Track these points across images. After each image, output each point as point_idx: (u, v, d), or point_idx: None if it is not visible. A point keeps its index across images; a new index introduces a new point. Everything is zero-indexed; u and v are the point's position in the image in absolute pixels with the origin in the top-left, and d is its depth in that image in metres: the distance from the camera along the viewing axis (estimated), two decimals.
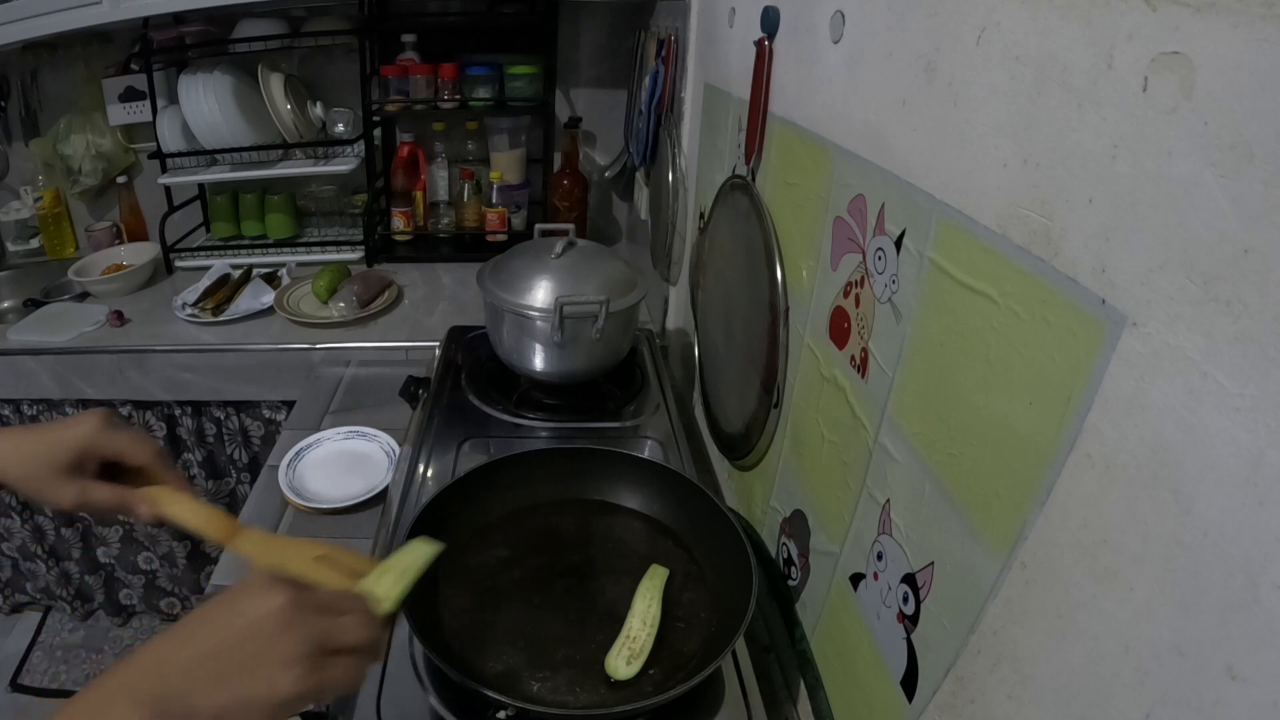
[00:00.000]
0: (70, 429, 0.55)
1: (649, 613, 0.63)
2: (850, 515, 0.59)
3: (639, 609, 0.63)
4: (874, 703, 0.55)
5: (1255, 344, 0.26)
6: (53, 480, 0.54)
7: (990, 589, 0.40)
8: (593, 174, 1.78)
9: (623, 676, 0.58)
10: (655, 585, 0.66)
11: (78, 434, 0.54)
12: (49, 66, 1.66)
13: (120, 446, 0.56)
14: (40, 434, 0.55)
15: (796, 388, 0.71)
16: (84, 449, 0.55)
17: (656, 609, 0.63)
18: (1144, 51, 0.30)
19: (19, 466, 0.54)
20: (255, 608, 0.40)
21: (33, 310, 1.47)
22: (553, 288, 0.91)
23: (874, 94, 0.54)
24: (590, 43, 1.67)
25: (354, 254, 1.67)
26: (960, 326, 0.44)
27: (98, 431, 0.55)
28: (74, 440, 0.54)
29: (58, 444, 0.54)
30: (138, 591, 1.68)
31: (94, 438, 0.55)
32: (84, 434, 0.54)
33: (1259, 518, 0.25)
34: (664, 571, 0.67)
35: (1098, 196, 0.33)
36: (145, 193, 1.76)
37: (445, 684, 0.59)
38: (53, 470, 0.54)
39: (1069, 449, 0.34)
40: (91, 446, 0.55)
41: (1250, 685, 0.26)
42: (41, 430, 0.56)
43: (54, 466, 0.54)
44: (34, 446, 0.54)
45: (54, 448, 0.54)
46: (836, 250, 0.61)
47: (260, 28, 1.51)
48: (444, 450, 0.90)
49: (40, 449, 0.54)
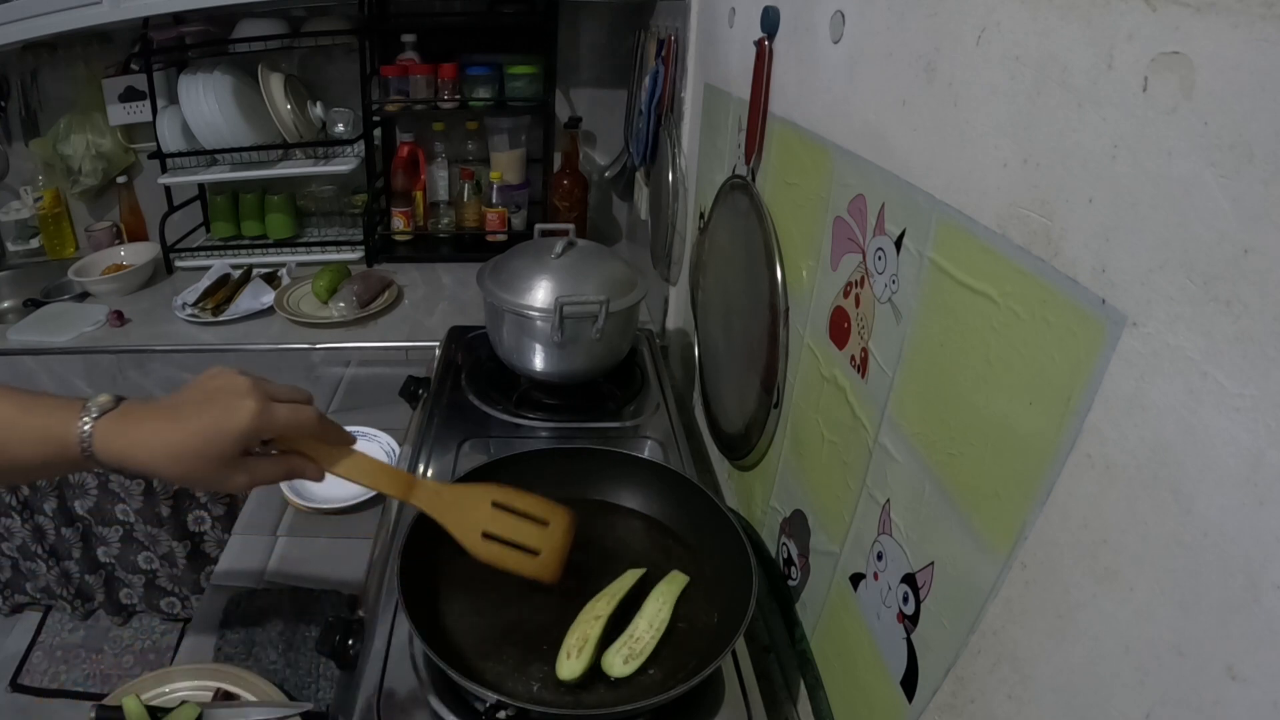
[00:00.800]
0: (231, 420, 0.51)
1: (658, 616, 0.63)
2: (850, 515, 0.59)
3: (649, 611, 0.63)
4: (874, 703, 0.55)
5: (1255, 344, 0.25)
6: (217, 473, 0.52)
7: (990, 589, 0.40)
8: (593, 174, 1.78)
9: (617, 674, 0.58)
10: (671, 591, 0.65)
11: (241, 426, 0.51)
12: (49, 66, 1.66)
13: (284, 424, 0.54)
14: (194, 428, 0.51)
15: (796, 388, 0.71)
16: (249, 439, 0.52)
17: (666, 614, 0.63)
18: (1144, 51, 0.30)
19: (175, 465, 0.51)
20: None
21: (33, 310, 1.47)
22: (553, 288, 0.91)
23: (874, 94, 0.54)
24: (590, 43, 1.67)
25: (354, 254, 1.67)
26: (960, 326, 0.44)
27: (260, 419, 0.52)
28: (238, 433, 0.51)
29: (218, 438, 0.51)
30: (138, 591, 1.68)
31: (258, 426, 0.52)
32: (246, 425, 0.51)
33: (1259, 518, 0.25)
34: (683, 578, 0.67)
35: (1098, 196, 0.33)
36: (145, 193, 1.76)
37: (445, 684, 0.59)
38: (216, 464, 0.51)
39: (1069, 449, 0.34)
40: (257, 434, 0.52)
41: (1250, 685, 0.26)
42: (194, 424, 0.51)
43: (217, 461, 0.51)
44: (190, 442, 0.51)
45: (213, 444, 0.51)
46: (836, 250, 0.61)
47: (260, 28, 1.51)
48: (444, 450, 0.90)
49: (198, 444, 0.51)
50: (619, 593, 0.65)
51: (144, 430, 0.51)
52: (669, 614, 0.63)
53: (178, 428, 0.51)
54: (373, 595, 0.71)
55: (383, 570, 0.73)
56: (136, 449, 0.51)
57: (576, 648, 0.59)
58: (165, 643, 1.74)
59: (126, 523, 1.55)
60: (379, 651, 0.63)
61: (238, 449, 0.52)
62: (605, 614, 0.62)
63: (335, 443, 0.57)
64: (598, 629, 0.61)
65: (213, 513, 1.53)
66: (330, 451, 0.56)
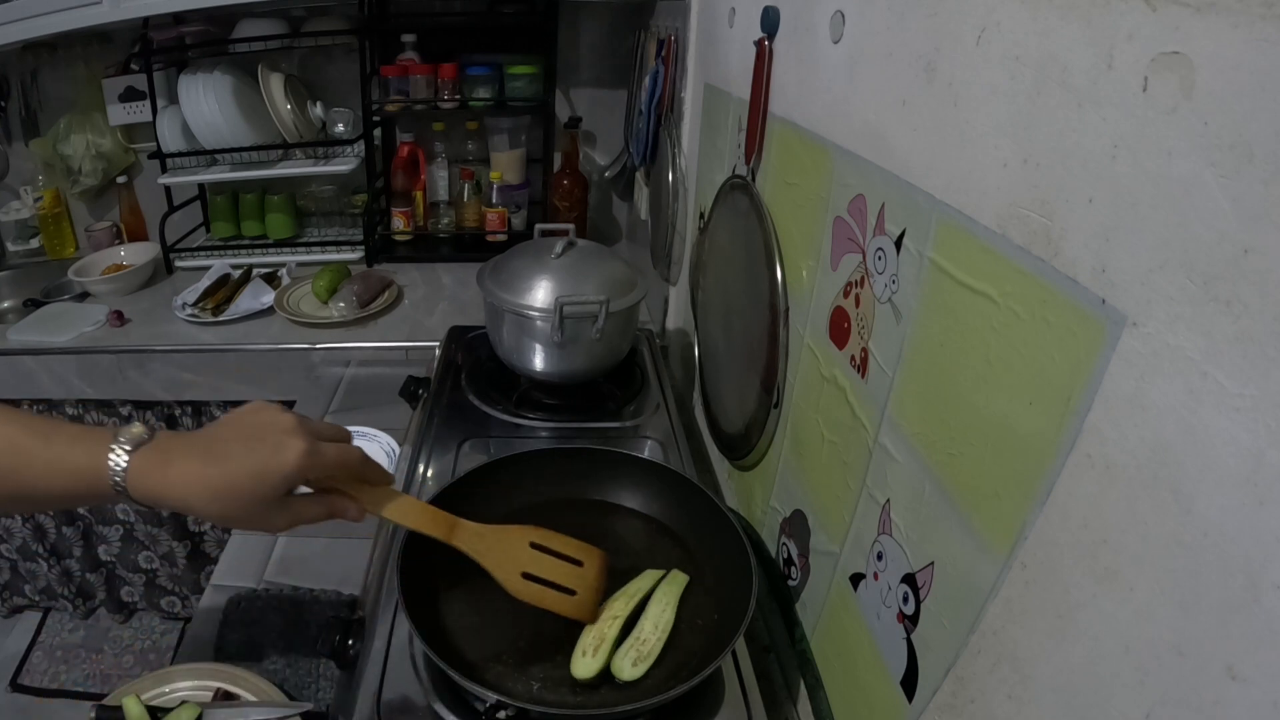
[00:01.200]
0: (276, 462, 0.49)
1: (662, 617, 0.63)
2: (850, 515, 0.59)
3: (653, 613, 0.63)
4: (874, 703, 0.55)
5: (1255, 344, 0.25)
6: (260, 514, 0.50)
7: (990, 589, 0.40)
8: (593, 174, 1.78)
9: (627, 678, 0.58)
10: (673, 591, 0.65)
11: (288, 467, 0.49)
12: (49, 66, 1.66)
13: (332, 464, 0.52)
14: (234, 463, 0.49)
15: (796, 388, 0.71)
16: (295, 481, 0.51)
17: (670, 615, 0.63)
18: (1144, 51, 0.30)
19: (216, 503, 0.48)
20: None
21: (33, 310, 1.47)
22: (553, 288, 0.91)
23: (874, 94, 0.54)
24: (590, 43, 1.67)
25: (354, 254, 1.67)
26: (960, 326, 0.44)
27: (307, 457, 0.50)
28: (283, 477, 0.49)
29: (266, 479, 0.49)
30: (139, 589, 1.68)
31: (305, 468, 0.50)
32: (294, 465, 0.49)
33: (1259, 518, 0.25)
34: (684, 578, 0.67)
35: (1098, 196, 0.33)
36: (145, 193, 1.76)
37: (445, 684, 0.59)
38: (260, 506, 0.49)
39: (1069, 449, 0.34)
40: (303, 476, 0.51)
41: (1250, 685, 0.26)
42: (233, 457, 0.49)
43: (262, 503, 0.49)
44: (235, 482, 0.48)
45: (261, 484, 0.49)
46: (836, 250, 0.61)
47: (260, 28, 1.51)
48: (444, 450, 0.90)
49: (243, 485, 0.48)
50: (637, 594, 0.65)
51: (184, 469, 0.48)
52: (673, 615, 0.63)
53: (222, 468, 0.48)
54: (373, 595, 0.71)
55: (383, 570, 0.73)
56: (174, 488, 0.48)
57: (593, 646, 0.59)
58: (165, 643, 1.75)
59: (127, 522, 1.55)
60: (379, 651, 0.63)
61: (284, 490, 0.50)
62: (623, 614, 0.62)
63: (376, 481, 0.56)
64: (615, 629, 0.61)
65: None
66: (372, 492, 0.56)
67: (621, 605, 0.63)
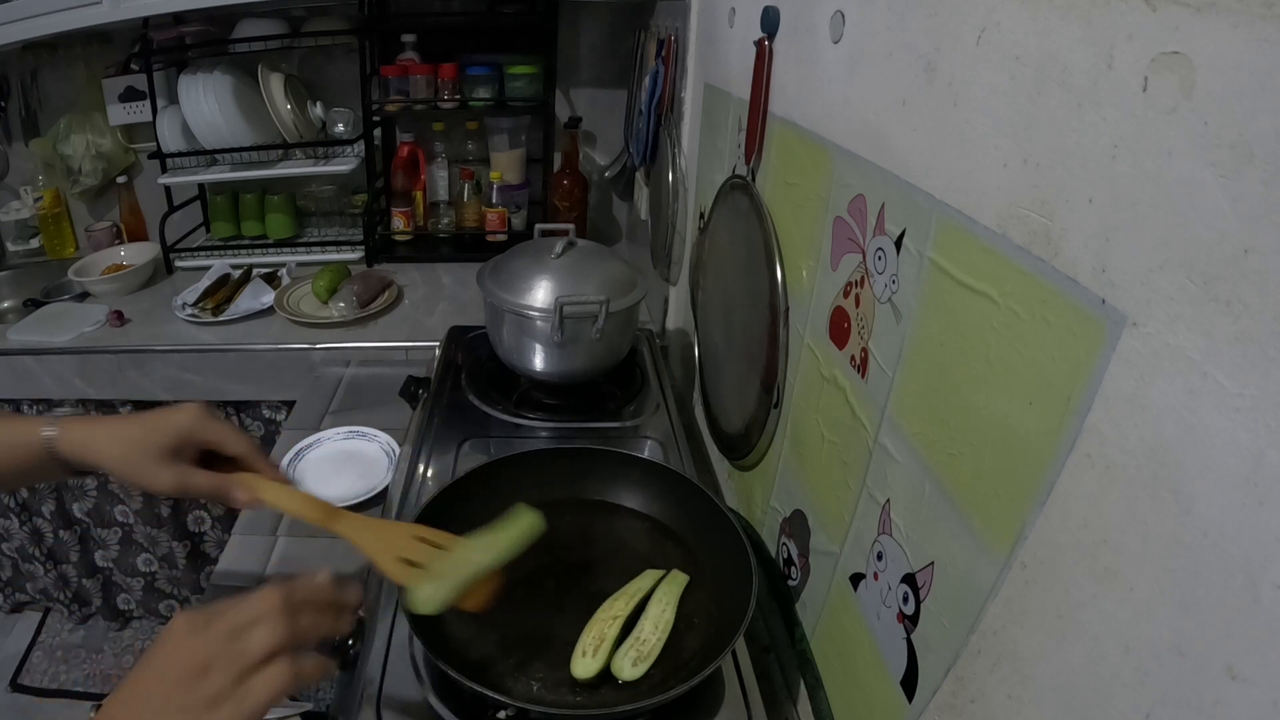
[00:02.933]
0: (170, 416, 0.57)
1: (662, 618, 0.63)
2: (850, 515, 0.59)
3: (653, 613, 0.63)
4: (874, 703, 0.55)
5: (1255, 344, 0.26)
6: (152, 464, 0.56)
7: (990, 589, 0.40)
8: (593, 174, 1.78)
9: (628, 678, 0.58)
10: (673, 592, 0.65)
11: (178, 420, 0.56)
12: (49, 66, 1.66)
13: (219, 435, 0.58)
14: (139, 421, 0.57)
15: (796, 388, 0.71)
16: (184, 435, 0.57)
17: (670, 615, 0.63)
18: (1144, 51, 0.30)
19: (117, 449, 0.56)
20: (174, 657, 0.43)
21: (33, 310, 1.47)
22: (553, 288, 0.91)
23: (874, 94, 0.54)
24: (590, 43, 1.67)
25: (354, 254, 1.67)
26: (960, 326, 0.44)
27: (197, 419, 0.57)
28: (174, 426, 0.56)
29: (157, 429, 0.56)
30: (136, 595, 1.68)
31: (194, 425, 0.57)
32: (184, 421, 0.56)
33: (1259, 518, 0.25)
34: (684, 578, 0.67)
35: (1098, 196, 0.33)
36: (145, 193, 1.76)
37: (445, 683, 0.59)
38: (152, 454, 0.55)
39: (1069, 449, 0.34)
40: (191, 433, 0.57)
41: (1250, 685, 0.26)
42: (140, 417, 0.57)
43: (153, 451, 0.55)
44: (132, 432, 0.56)
45: (153, 433, 0.56)
46: (836, 250, 0.61)
47: (260, 28, 1.51)
48: (444, 450, 0.90)
49: (139, 434, 0.56)
50: (638, 594, 0.65)
51: (102, 423, 0.58)
52: (673, 615, 0.63)
53: (128, 419, 0.57)
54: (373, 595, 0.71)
55: None
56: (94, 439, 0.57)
57: (593, 646, 0.59)
58: None
59: (126, 524, 1.55)
60: (379, 651, 0.63)
61: (173, 443, 0.56)
62: (624, 614, 0.62)
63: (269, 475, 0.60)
64: (615, 629, 0.61)
65: (213, 513, 1.54)
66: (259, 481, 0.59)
67: (622, 605, 0.63)
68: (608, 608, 0.63)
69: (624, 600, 0.64)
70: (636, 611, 0.64)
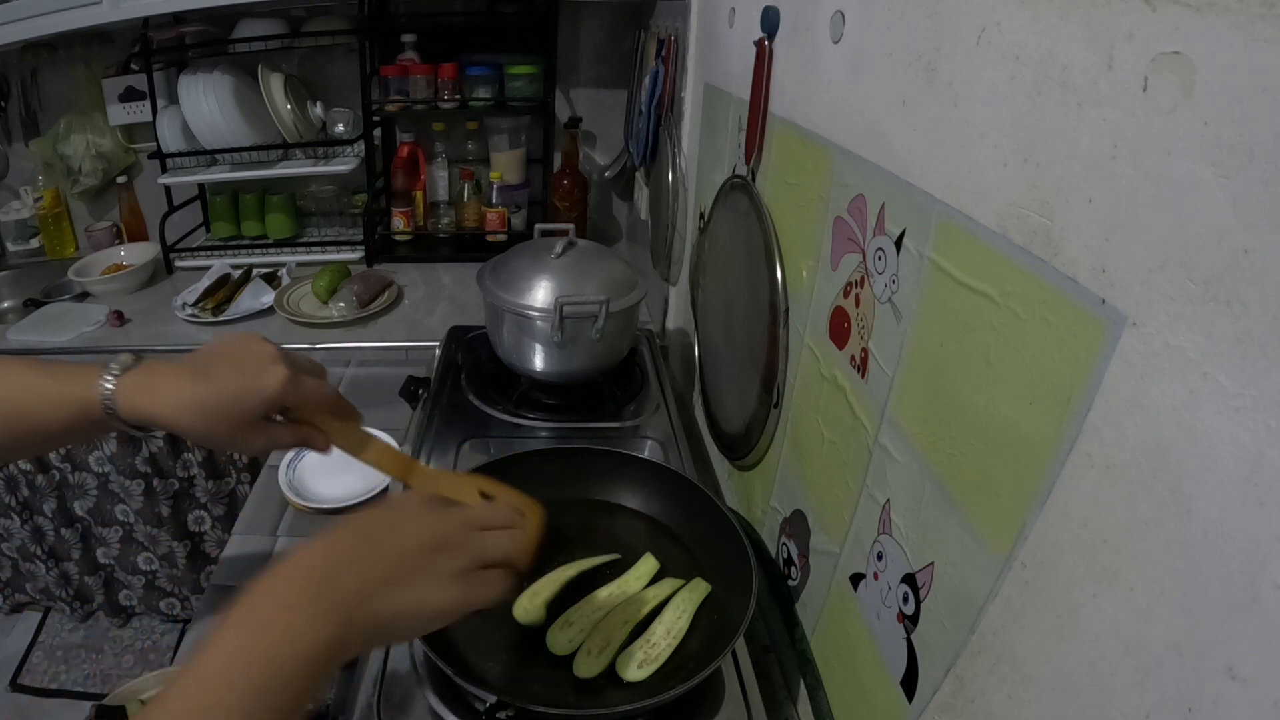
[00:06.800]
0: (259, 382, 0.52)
1: (676, 624, 0.63)
2: (850, 515, 0.59)
3: (668, 618, 0.63)
4: (874, 703, 0.55)
5: (1255, 344, 0.25)
6: (242, 434, 0.53)
7: (990, 589, 0.40)
8: (593, 174, 1.78)
9: (631, 678, 0.58)
10: (692, 600, 0.65)
11: (269, 391, 0.52)
12: (49, 66, 1.66)
13: (308, 396, 0.55)
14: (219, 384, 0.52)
15: (796, 388, 0.71)
16: (274, 406, 0.53)
17: (685, 623, 0.63)
18: (1144, 51, 0.30)
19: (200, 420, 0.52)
20: (419, 527, 0.46)
21: (33, 310, 1.47)
22: (553, 288, 0.91)
23: (874, 94, 0.54)
24: (590, 43, 1.67)
25: (354, 254, 1.67)
26: (960, 326, 0.44)
27: (287, 384, 0.53)
28: (266, 398, 0.52)
29: (246, 399, 0.52)
30: (137, 593, 1.68)
31: (285, 393, 0.53)
32: (275, 390, 0.52)
33: (1259, 518, 0.25)
34: (705, 587, 0.67)
35: (1098, 196, 0.33)
36: (145, 193, 1.76)
37: (445, 683, 0.59)
38: (242, 426, 0.53)
39: (1069, 449, 0.34)
40: (282, 401, 0.54)
41: (1250, 685, 0.26)
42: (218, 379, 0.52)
43: (243, 422, 0.53)
44: (218, 400, 0.51)
45: (242, 404, 0.52)
46: (836, 250, 0.61)
47: (260, 28, 1.51)
48: (444, 450, 0.90)
49: (226, 404, 0.52)
50: (653, 600, 0.65)
51: (169, 386, 0.52)
52: (687, 624, 0.63)
53: (206, 386, 0.52)
54: None
55: None
56: (161, 406, 0.52)
57: (599, 648, 0.59)
58: (165, 643, 1.74)
59: (126, 523, 1.55)
60: (379, 651, 0.63)
61: (262, 413, 0.53)
62: (634, 619, 0.62)
63: (346, 418, 0.59)
64: (623, 634, 0.61)
65: (213, 513, 1.53)
66: (340, 426, 0.58)
67: (634, 610, 0.63)
68: (620, 611, 0.63)
69: (636, 606, 0.64)
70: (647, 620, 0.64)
